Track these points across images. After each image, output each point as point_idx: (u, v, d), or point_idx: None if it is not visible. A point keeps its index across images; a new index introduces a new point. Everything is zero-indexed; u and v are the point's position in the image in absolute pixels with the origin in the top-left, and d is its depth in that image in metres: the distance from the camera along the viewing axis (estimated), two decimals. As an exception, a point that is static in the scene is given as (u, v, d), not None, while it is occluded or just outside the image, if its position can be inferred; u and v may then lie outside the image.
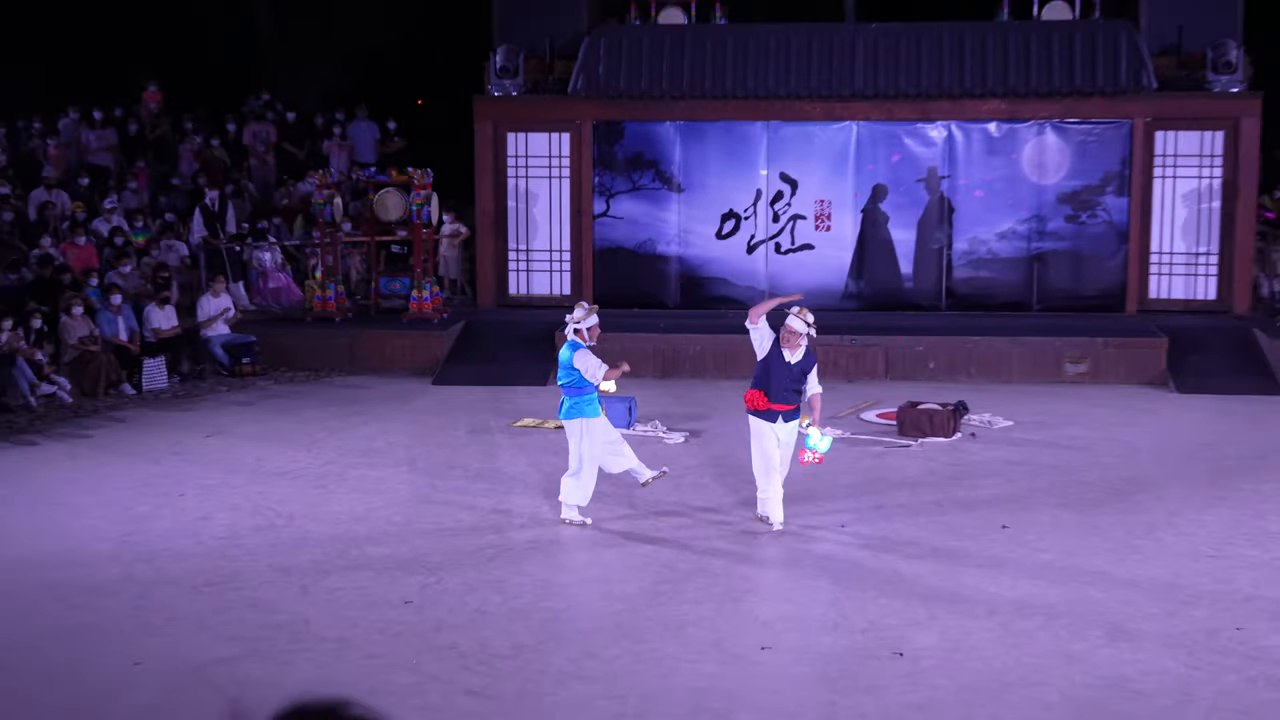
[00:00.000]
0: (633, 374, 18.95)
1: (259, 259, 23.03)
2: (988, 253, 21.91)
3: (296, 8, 30.68)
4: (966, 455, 15.39)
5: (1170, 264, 21.64)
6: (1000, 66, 21.61)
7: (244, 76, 29.45)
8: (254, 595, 10.69)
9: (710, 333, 20.19)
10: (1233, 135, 21.30)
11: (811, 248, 22.13)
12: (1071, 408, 17.78)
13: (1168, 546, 11.83)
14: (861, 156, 22.00)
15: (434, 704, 8.60)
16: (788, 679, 9.07)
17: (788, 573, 11.24)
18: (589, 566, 11.40)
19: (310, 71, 29.93)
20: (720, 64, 22.02)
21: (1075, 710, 8.53)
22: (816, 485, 14.02)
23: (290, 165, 26.07)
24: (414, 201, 21.08)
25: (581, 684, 8.96)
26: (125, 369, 18.61)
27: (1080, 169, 21.64)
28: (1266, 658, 9.33)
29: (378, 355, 20.45)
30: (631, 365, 17.94)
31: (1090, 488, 13.91)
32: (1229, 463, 14.92)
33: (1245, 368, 19.18)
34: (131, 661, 9.33)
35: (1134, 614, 10.19)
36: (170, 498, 13.50)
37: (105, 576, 11.17)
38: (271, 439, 16.09)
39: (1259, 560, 11.49)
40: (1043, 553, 11.71)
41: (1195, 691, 8.79)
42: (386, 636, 9.81)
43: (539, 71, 22.67)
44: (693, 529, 12.48)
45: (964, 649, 9.56)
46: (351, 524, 12.60)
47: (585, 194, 22.30)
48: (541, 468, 14.73)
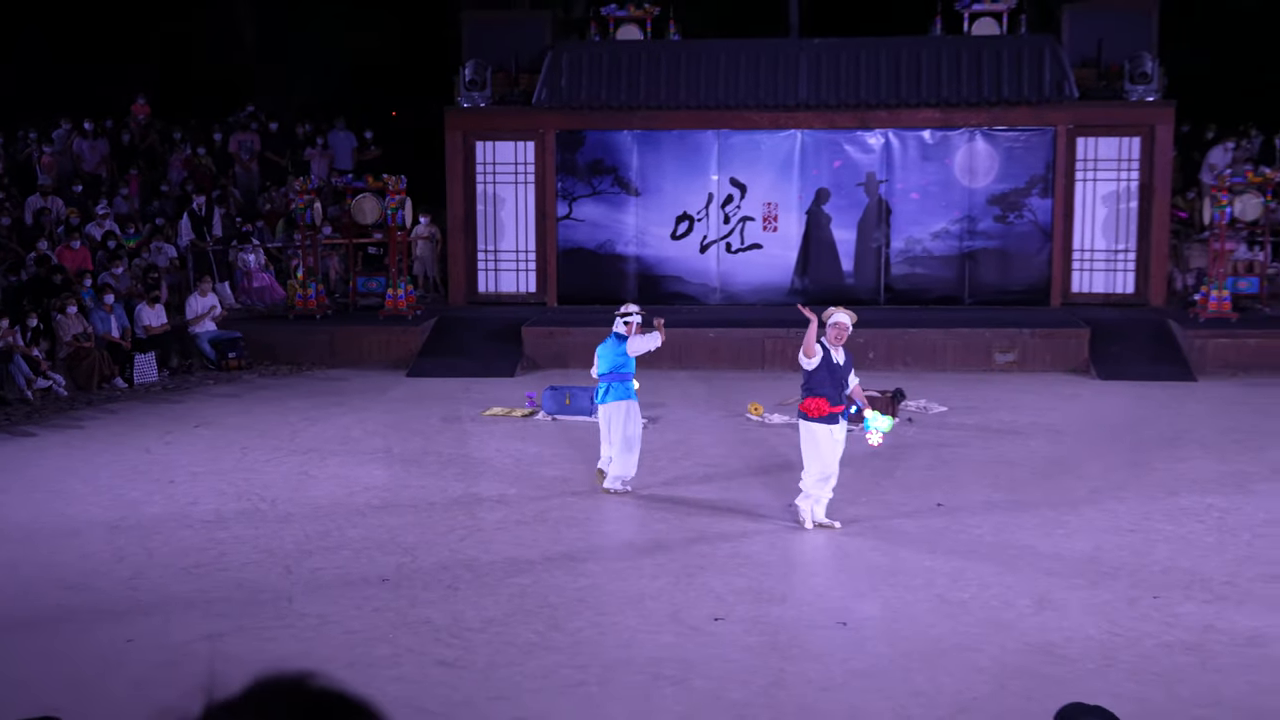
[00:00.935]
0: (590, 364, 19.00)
1: (243, 260, 22.92)
2: (923, 251, 21.97)
3: (279, 26, 30.51)
4: (904, 438, 15.43)
5: (1091, 260, 21.75)
6: (933, 78, 21.66)
7: (229, 89, 29.34)
8: (240, 575, 10.62)
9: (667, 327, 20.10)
10: (1148, 141, 21.43)
11: (760, 247, 22.15)
12: (1001, 394, 17.86)
13: (1090, 522, 11.89)
14: (806, 162, 22.03)
15: (409, 675, 8.56)
16: (740, 648, 9.06)
17: (739, 549, 11.23)
18: (554, 545, 11.36)
19: (292, 85, 29.81)
20: (674, 77, 22.00)
21: (1005, 674, 8.55)
22: (763, 468, 14.03)
23: (273, 172, 25.95)
24: (389, 206, 21.04)
25: (547, 654, 8.93)
26: (118, 364, 18.48)
27: (1008, 173, 21.73)
28: (1181, 624, 9.38)
29: (355, 350, 20.37)
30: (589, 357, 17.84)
31: (1018, 468, 13.98)
32: (1146, 444, 15.01)
33: (1161, 356, 19.29)
34: (124, 639, 9.25)
35: (1059, 585, 10.23)
36: (161, 484, 13.41)
37: (99, 558, 11.08)
38: (256, 429, 16.00)
39: (1174, 534, 11.55)
40: (975, 529, 11.75)
41: (1116, 656, 8.82)
42: (364, 612, 9.76)
43: (505, 85, 22.62)
44: (651, 509, 12.47)
45: (903, 618, 9.58)
46: (331, 507, 12.54)
47: (549, 198, 22.25)
48: (509, 453, 14.70)
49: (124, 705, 7.75)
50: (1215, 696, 8.20)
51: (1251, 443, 14.93)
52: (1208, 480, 13.32)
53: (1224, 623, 9.41)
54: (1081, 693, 6.30)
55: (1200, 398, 17.57)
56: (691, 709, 8.11)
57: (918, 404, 16.87)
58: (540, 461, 14.34)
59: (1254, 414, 16.47)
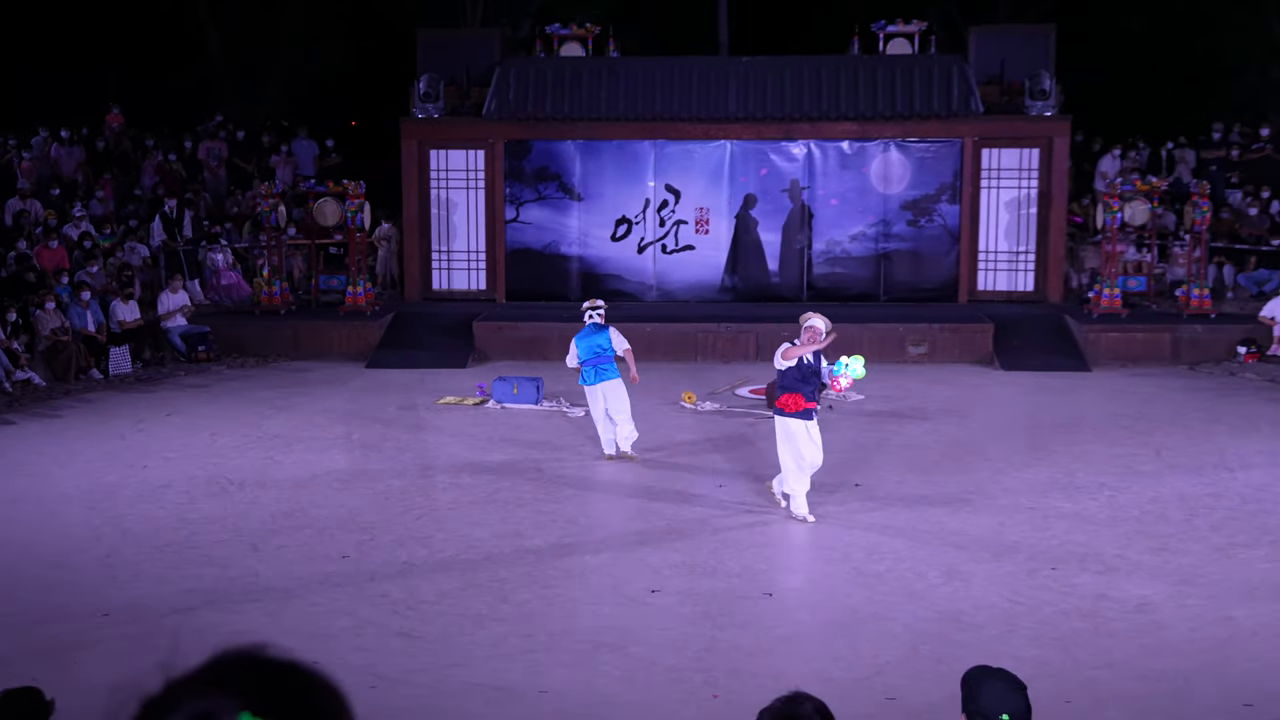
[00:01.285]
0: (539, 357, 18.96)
1: (212, 259, 22.69)
2: (842, 252, 22.06)
3: (244, 41, 30.21)
4: (824, 424, 15.47)
5: (995, 261, 21.92)
6: (852, 94, 21.74)
7: (199, 100, 29.05)
8: (210, 553, 10.53)
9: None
10: (1046, 152, 21.61)
11: (693, 248, 22.17)
12: (913, 383, 17.97)
13: (994, 500, 11.99)
14: (735, 170, 22.06)
15: (369, 644, 8.52)
16: (675, 617, 9.08)
17: (673, 526, 11.24)
18: (503, 523, 11.33)
19: (257, 97, 29.54)
20: (613, 91, 21.97)
21: (916, 639, 8.62)
22: (697, 451, 14.06)
23: (240, 178, 25.70)
24: (349, 209, 20.92)
25: (497, 624, 8.92)
26: (93, 357, 18.24)
27: (919, 181, 21.85)
28: (1076, 594, 9.48)
29: (318, 343, 20.21)
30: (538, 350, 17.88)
31: (929, 451, 14.07)
32: (1045, 429, 15.15)
33: (1058, 349, 19.47)
34: (100, 613, 9.15)
35: (966, 558, 10.32)
36: (135, 469, 13.25)
37: (76, 537, 10.95)
38: (225, 416, 15.84)
39: (1070, 511, 11.68)
40: (889, 507, 11.83)
41: (1017, 623, 8.91)
42: (327, 587, 9.70)
43: (457, 97, 22.51)
44: (592, 490, 12.47)
45: (823, 589, 9.64)
46: (296, 489, 12.45)
47: (498, 203, 22.16)
48: (461, 439, 14.64)
49: (99, 676, 7.65)
50: (1108, 659, 8.30)
51: (1139, 428, 15.11)
52: (1100, 462, 13.47)
53: (1115, 591, 9.53)
54: (986, 656, 6.36)
55: (1093, 387, 17.75)
56: (630, 673, 8.11)
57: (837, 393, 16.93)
58: (491, 447, 14.29)
59: (1142, 402, 16.67)
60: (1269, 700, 6.28)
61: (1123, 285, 20.45)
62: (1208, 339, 19.54)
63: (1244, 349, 19.01)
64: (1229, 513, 11.52)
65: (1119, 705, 7.63)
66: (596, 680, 8.02)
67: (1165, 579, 9.82)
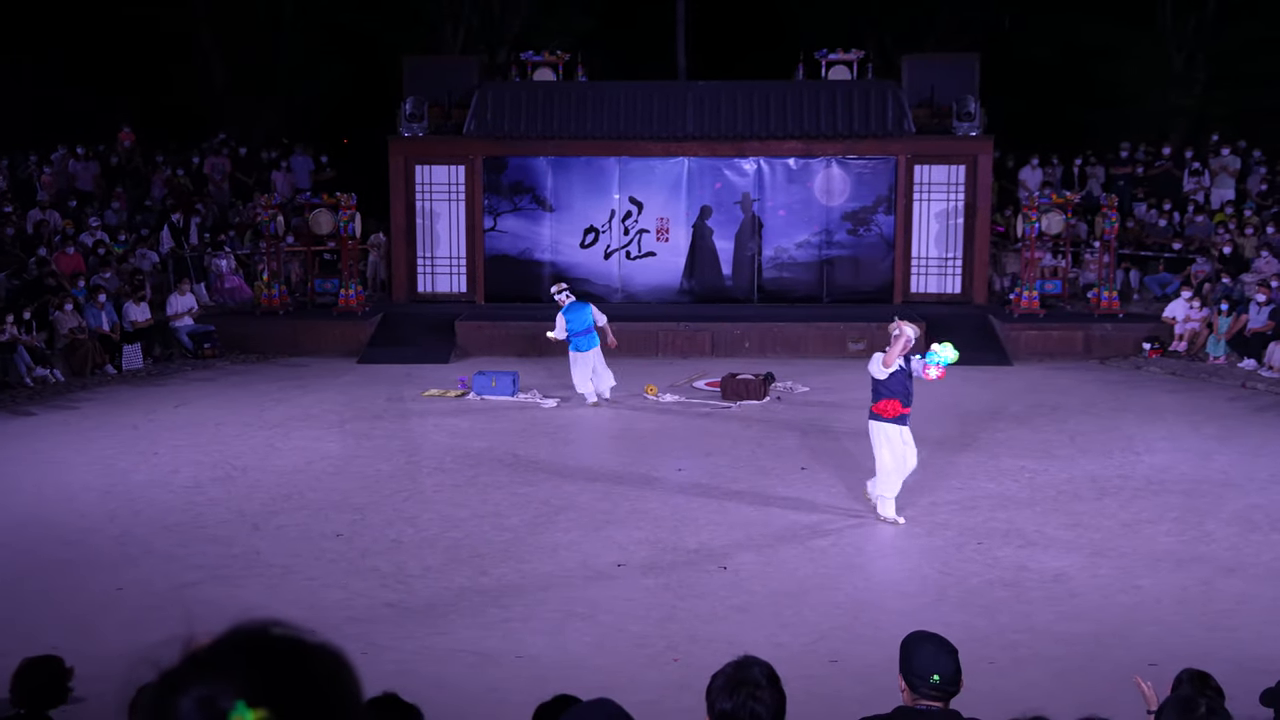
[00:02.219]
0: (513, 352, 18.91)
1: (217, 265, 22.52)
2: (789, 258, 22.07)
3: (245, 66, 29.98)
4: (774, 414, 15.54)
5: (926, 266, 21.99)
6: (797, 115, 21.76)
7: (204, 120, 28.80)
8: (214, 532, 10.46)
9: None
10: (972, 168, 21.68)
11: (654, 255, 22.13)
12: (853, 377, 17.93)
13: (925, 481, 12.03)
14: (692, 184, 22.03)
15: (360, 615, 8.48)
16: (639, 589, 9.08)
17: (637, 506, 11.23)
18: (482, 504, 11.30)
19: (258, 117, 29.32)
20: (582, 113, 21.90)
21: (857, 608, 8.65)
22: (658, 438, 14.06)
23: (241, 190, 25.50)
24: (342, 219, 20.79)
25: (477, 596, 8.89)
26: (108, 354, 18.05)
27: (858, 194, 21.88)
28: (1000, 565, 9.54)
29: (314, 341, 20.06)
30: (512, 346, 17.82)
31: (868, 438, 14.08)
32: (972, 417, 15.22)
33: (983, 345, 19.54)
34: (115, 587, 9.07)
35: (901, 533, 10.37)
36: (146, 455, 13.14)
37: (92, 519, 10.85)
38: (228, 407, 15.72)
39: (994, 491, 11.75)
40: (832, 488, 11.86)
41: (947, 592, 8.96)
42: (322, 562, 9.65)
43: (440, 117, 22.38)
44: (563, 474, 12.44)
45: (774, 563, 9.65)
46: (294, 474, 12.37)
47: (477, 213, 22.06)
48: (445, 428, 14.58)
49: (114, 645, 7.58)
50: (1028, 624, 8.36)
51: (1056, 416, 15.21)
52: (1021, 446, 13.55)
53: (1034, 563, 9.59)
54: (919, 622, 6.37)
55: (1014, 379, 17.85)
56: (598, 639, 8.11)
57: (785, 385, 16.96)
58: (471, 435, 14.24)
59: (1058, 393, 16.78)
60: (1172, 659, 6.34)
61: (1040, 288, 20.56)
62: (1116, 336, 19.68)
63: (1149, 345, 19.17)
64: (1135, 492, 11.62)
65: (1038, 665, 7.68)
66: (568, 646, 8.01)
67: (1079, 552, 9.90)
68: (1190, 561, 9.64)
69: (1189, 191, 24.28)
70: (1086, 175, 25.05)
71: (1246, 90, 27.40)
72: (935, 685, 3.95)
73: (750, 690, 3.31)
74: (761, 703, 3.30)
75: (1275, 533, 10.35)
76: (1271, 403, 16.04)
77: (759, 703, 3.29)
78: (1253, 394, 16.64)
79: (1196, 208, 23.53)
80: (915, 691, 4.00)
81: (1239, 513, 10.93)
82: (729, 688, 3.33)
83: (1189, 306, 19.15)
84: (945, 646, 4.06)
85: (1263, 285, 18.72)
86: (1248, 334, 18.23)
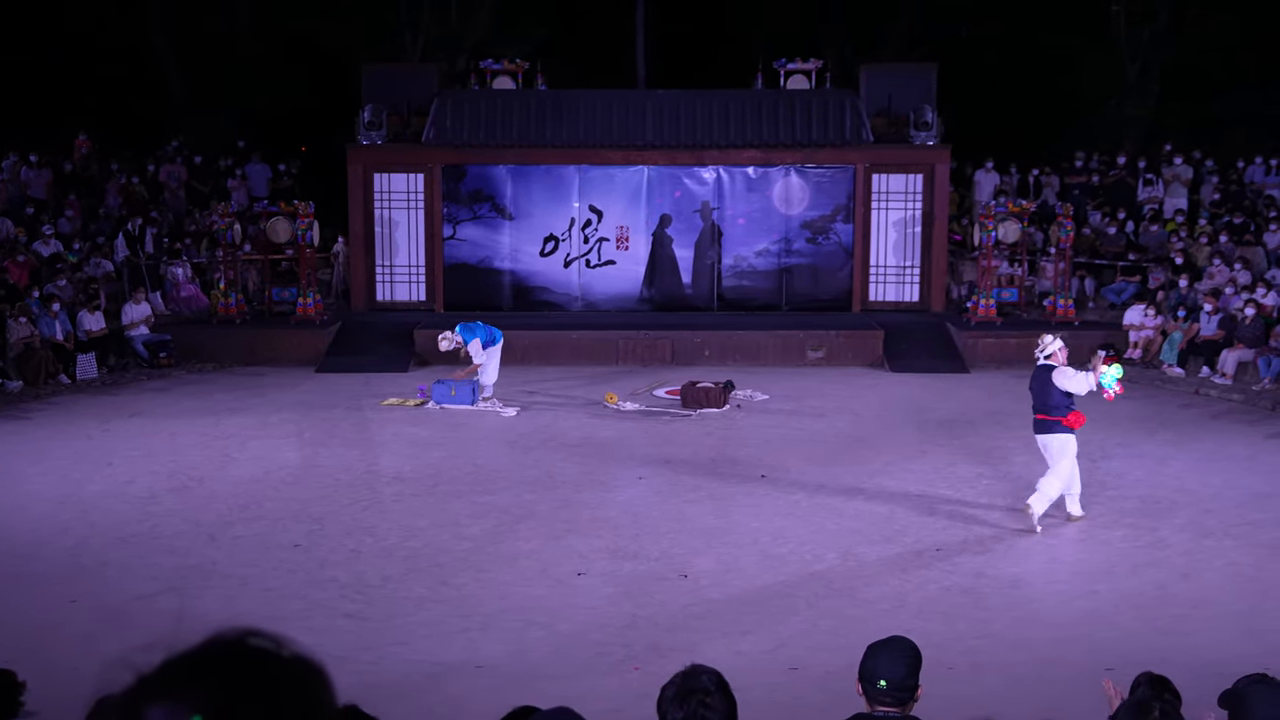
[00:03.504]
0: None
1: (173, 273, 22.31)
2: (748, 266, 22.14)
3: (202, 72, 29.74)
4: (734, 421, 15.56)
5: (884, 274, 22.11)
6: (756, 124, 21.85)
7: (159, 127, 28.54)
8: (171, 543, 10.35)
9: (535, 329, 20.13)
10: (929, 177, 21.84)
11: (614, 263, 22.14)
12: (812, 384, 18.09)
13: (885, 489, 12.10)
14: (651, 192, 22.07)
15: (319, 626, 8.41)
16: (599, 597, 9.07)
17: (598, 514, 11.22)
18: (442, 513, 11.25)
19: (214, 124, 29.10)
20: (542, 121, 21.90)
21: (817, 615, 8.67)
22: (617, 445, 14.04)
23: (198, 198, 25.29)
24: (299, 227, 20.67)
25: (436, 606, 8.85)
26: (62, 363, 17.85)
27: (817, 203, 21.99)
28: (958, 571, 9.60)
29: (271, 350, 19.92)
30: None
31: (827, 445, 14.17)
32: (930, 425, 15.31)
33: (941, 353, 19.69)
34: (69, 599, 8.96)
35: (860, 540, 10.41)
36: (100, 466, 12.99)
37: (46, 530, 10.71)
38: (184, 417, 15.57)
39: (952, 497, 11.82)
40: (791, 495, 11.89)
41: (906, 598, 9.01)
42: (280, 573, 9.57)
43: (398, 125, 22.31)
44: (523, 482, 12.41)
45: (733, 570, 9.66)
46: (251, 484, 12.26)
47: (436, 221, 22.00)
48: (403, 437, 14.51)
49: (68, 658, 7.49)
50: (986, 629, 8.41)
51: (1013, 423, 15.26)
52: (978, 453, 13.64)
53: (992, 569, 9.66)
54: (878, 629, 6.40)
55: (972, 386, 17.97)
56: (558, 648, 8.09)
57: (745, 393, 16.99)
58: (430, 444, 14.18)
59: (1015, 400, 16.80)
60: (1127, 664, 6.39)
61: (997, 296, 20.73)
62: (1071, 344, 19.74)
63: (1103, 353, 19.27)
64: (1091, 498, 11.71)
65: (996, 670, 7.73)
66: (528, 655, 7.98)
67: (1036, 558, 9.98)
68: (1145, 567, 9.74)
69: (1143, 200, 24.57)
70: (1042, 184, 25.30)
71: (1199, 100, 27.79)
72: (883, 690, 3.97)
73: (700, 698, 3.35)
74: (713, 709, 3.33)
75: (1228, 538, 10.48)
76: (1224, 409, 16.24)
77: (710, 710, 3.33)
78: (1206, 401, 16.85)
79: (1152, 216, 23.81)
80: (869, 697, 4.02)
81: (1193, 518, 11.06)
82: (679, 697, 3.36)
83: (1144, 315, 19.37)
84: (902, 652, 4.06)
85: (1210, 295, 18.96)
86: (1198, 341, 18.48)
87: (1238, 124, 27.59)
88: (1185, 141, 25.93)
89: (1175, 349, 18.57)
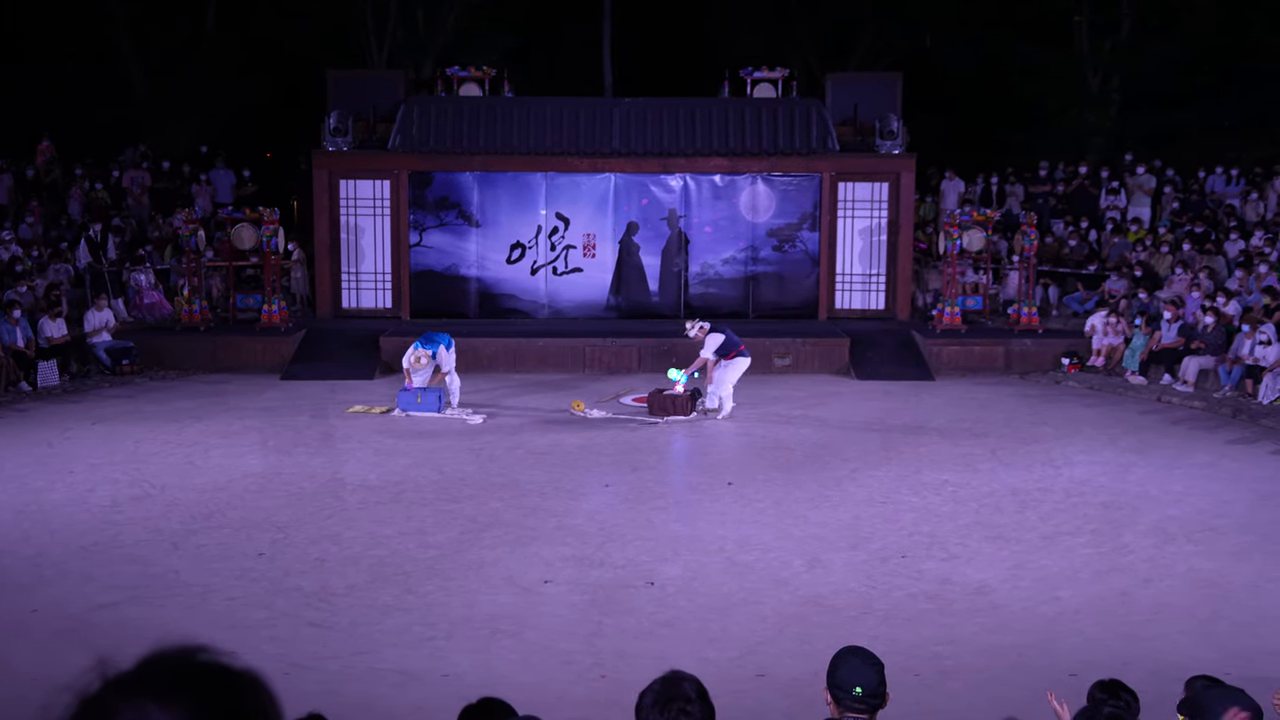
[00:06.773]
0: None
1: (136, 280, 22.13)
2: (715, 274, 22.19)
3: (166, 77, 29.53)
4: (700, 429, 15.58)
5: (850, 282, 22.21)
6: (722, 133, 21.91)
7: (123, 132, 28.29)
8: (133, 552, 10.24)
9: (502, 337, 20.09)
10: (895, 186, 21.96)
11: (581, 271, 22.14)
12: (778, 391, 18.14)
13: (850, 495, 12.13)
14: (618, 200, 22.08)
15: (283, 635, 8.35)
16: (565, 605, 9.04)
17: (564, 522, 11.20)
18: (408, 521, 11.19)
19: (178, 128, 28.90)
20: (508, 128, 21.88)
21: (783, 622, 8.68)
22: (584, 453, 14.02)
23: (162, 204, 25.09)
24: (264, 234, 20.55)
25: (402, 614, 8.80)
26: (23, 370, 17.66)
27: (783, 211, 22.06)
28: (924, 579, 9.63)
29: (235, 357, 19.80)
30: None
31: (792, 452, 14.19)
32: (895, 431, 15.37)
33: (906, 360, 19.78)
34: (29, 609, 8.84)
35: (826, 548, 10.42)
36: (62, 474, 12.84)
37: (6, 540, 10.57)
38: (147, 425, 15.43)
39: (917, 505, 11.85)
40: (757, 502, 11.90)
41: (872, 605, 9.02)
42: (243, 582, 9.49)
43: (365, 132, 22.24)
44: (489, 489, 12.36)
45: (700, 578, 9.66)
46: (214, 492, 12.16)
47: (402, 228, 21.93)
48: (369, 444, 14.43)
49: (27, 668, 7.40)
50: (951, 636, 8.44)
51: (978, 430, 15.41)
52: (943, 460, 13.70)
53: (958, 576, 9.70)
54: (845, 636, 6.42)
55: (937, 394, 18.06)
56: (525, 657, 8.06)
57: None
58: (396, 451, 14.11)
59: (979, 407, 17.01)
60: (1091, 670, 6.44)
61: (962, 304, 20.86)
62: (1036, 351, 20.01)
63: (1067, 360, 19.52)
64: (1055, 505, 11.79)
65: (961, 677, 7.75)
66: (494, 664, 7.95)
67: (1000, 564, 10.02)
68: (1109, 573, 9.80)
69: (1105, 208, 24.78)
70: (1006, 193, 25.48)
71: (1160, 111, 28.08)
72: (858, 698, 4.00)
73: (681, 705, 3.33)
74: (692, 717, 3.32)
75: (1190, 544, 10.57)
76: (1185, 416, 16.40)
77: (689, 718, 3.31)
78: (1167, 408, 17.00)
79: (1115, 227, 24.02)
80: (840, 705, 4.04)
81: (1155, 524, 11.15)
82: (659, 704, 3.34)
83: (1106, 323, 19.53)
84: (870, 660, 4.11)
85: (1170, 303, 19.14)
86: (1156, 349, 18.66)
87: (1198, 134, 27.91)
88: (1147, 151, 26.19)
89: (1137, 356, 18.73)
